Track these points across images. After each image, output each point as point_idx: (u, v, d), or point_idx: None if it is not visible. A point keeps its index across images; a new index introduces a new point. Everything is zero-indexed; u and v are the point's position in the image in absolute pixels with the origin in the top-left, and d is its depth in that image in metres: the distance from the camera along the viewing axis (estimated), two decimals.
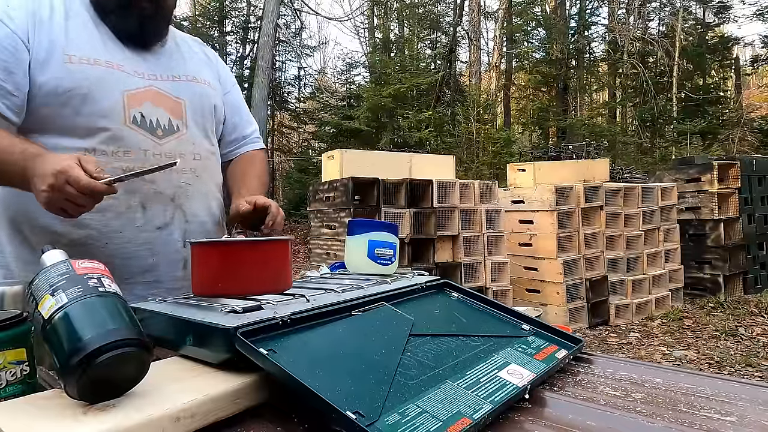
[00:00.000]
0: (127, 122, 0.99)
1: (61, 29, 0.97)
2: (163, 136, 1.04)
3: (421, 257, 3.89)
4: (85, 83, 0.96)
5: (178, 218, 1.06)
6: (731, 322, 4.35)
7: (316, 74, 16.86)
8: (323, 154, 4.53)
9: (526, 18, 15.26)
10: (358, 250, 1.03)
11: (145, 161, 1.00)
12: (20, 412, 0.50)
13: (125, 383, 0.54)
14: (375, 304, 0.78)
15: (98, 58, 0.99)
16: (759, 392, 0.64)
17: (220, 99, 1.22)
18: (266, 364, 0.56)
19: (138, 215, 1.01)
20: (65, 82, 0.95)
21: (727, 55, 14.90)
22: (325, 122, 12.76)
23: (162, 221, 1.04)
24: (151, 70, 1.07)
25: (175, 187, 1.06)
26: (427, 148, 11.36)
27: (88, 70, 0.97)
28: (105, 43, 1.02)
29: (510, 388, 0.60)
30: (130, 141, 0.99)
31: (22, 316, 0.63)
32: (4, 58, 0.92)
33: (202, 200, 1.12)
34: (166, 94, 1.07)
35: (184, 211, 1.08)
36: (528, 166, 5.15)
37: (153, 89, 1.05)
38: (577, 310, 4.33)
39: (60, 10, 0.99)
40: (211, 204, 1.16)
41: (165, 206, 1.04)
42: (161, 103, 1.05)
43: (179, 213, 1.07)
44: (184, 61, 1.16)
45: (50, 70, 0.94)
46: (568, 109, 14.85)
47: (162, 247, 1.04)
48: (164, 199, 1.04)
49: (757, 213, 5.64)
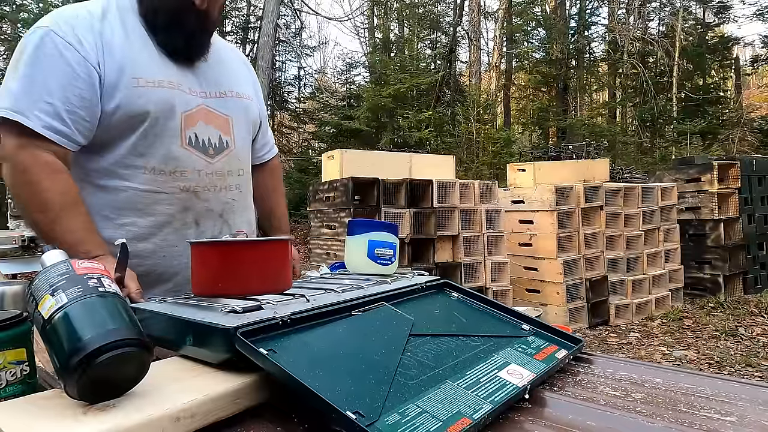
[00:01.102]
0: (183, 143, 1.04)
1: (126, 50, 0.99)
2: (213, 154, 1.09)
3: (421, 257, 3.89)
4: (152, 107, 0.99)
5: (225, 232, 1.13)
6: (731, 322, 4.35)
7: (316, 74, 16.87)
8: (323, 154, 4.53)
9: (526, 18, 15.26)
10: (358, 250, 1.03)
11: (198, 181, 1.06)
12: (20, 412, 0.50)
13: (125, 383, 0.54)
14: (375, 304, 0.78)
15: (161, 80, 1.01)
16: (759, 392, 0.64)
17: (257, 110, 1.26)
18: (266, 364, 0.56)
19: (191, 231, 1.07)
20: (134, 107, 0.98)
21: (727, 55, 14.90)
22: (325, 122, 12.75)
23: (211, 235, 1.11)
24: (201, 87, 1.10)
25: (224, 203, 1.12)
26: (427, 148, 11.36)
27: (154, 93, 1.00)
28: (162, 60, 1.04)
29: (510, 388, 0.60)
30: (186, 162, 1.04)
31: (22, 316, 0.63)
32: (80, 86, 0.94)
33: (244, 214, 1.20)
34: (216, 112, 1.11)
35: (230, 225, 1.14)
36: (528, 166, 5.15)
37: (204, 108, 1.08)
38: (577, 310, 4.33)
39: (120, 28, 1.01)
40: (251, 216, 1.24)
41: (215, 222, 1.11)
42: (212, 121, 1.09)
43: (226, 227, 1.13)
44: (227, 74, 1.18)
45: (120, 95, 0.97)
46: (568, 109, 14.85)
47: None
48: (214, 215, 1.11)
49: (757, 213, 5.64)
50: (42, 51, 0.94)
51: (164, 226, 1.04)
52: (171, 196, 1.04)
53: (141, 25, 1.04)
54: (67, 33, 0.95)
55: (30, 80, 0.93)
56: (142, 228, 1.03)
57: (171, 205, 1.04)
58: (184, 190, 1.05)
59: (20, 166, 0.93)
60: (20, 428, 0.47)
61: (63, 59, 0.93)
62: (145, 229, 1.03)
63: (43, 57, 0.93)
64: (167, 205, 1.04)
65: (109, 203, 1.02)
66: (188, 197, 1.06)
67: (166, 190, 1.03)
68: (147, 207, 1.03)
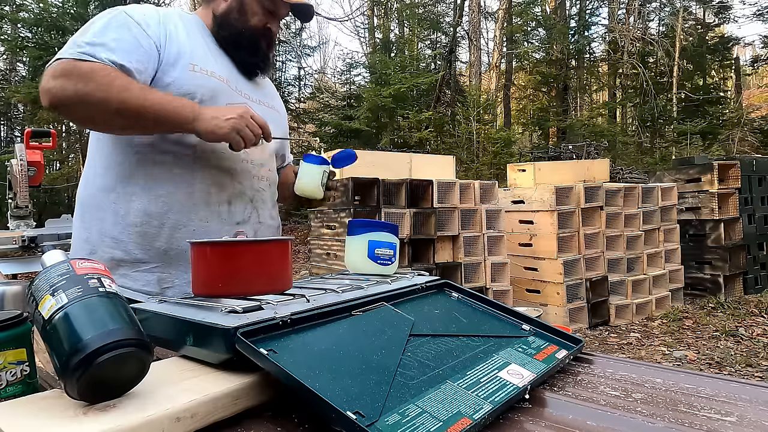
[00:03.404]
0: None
1: (186, 42, 1.12)
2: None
3: (421, 257, 3.89)
4: (202, 90, 1.10)
5: (253, 218, 1.21)
6: (731, 322, 4.35)
7: (316, 74, 16.87)
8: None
9: (526, 18, 15.27)
10: (358, 250, 1.03)
11: (234, 164, 1.15)
12: (20, 412, 0.50)
13: (125, 383, 0.54)
14: (375, 304, 0.78)
15: (214, 72, 1.13)
16: (759, 392, 0.64)
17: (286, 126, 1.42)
18: (266, 364, 0.56)
19: (224, 209, 1.14)
20: (187, 86, 1.08)
21: (727, 55, 14.90)
22: (325, 122, 12.74)
23: (241, 218, 1.18)
24: (246, 91, 1.23)
25: (255, 190, 1.21)
26: (427, 148, 11.37)
27: (206, 80, 1.11)
28: (217, 59, 1.17)
29: (510, 389, 0.60)
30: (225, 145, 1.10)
31: (22, 316, 0.63)
32: (140, 54, 1.04)
33: (271, 206, 1.28)
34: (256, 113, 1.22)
35: (259, 214, 1.22)
36: (528, 166, 5.15)
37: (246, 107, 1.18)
38: (577, 310, 4.33)
39: (182, 27, 1.15)
40: (275, 212, 1.32)
41: (245, 205, 1.19)
42: None
43: (254, 214, 1.21)
44: (266, 91, 1.34)
45: (176, 73, 1.08)
46: (568, 109, 14.86)
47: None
48: (245, 199, 1.19)
49: (757, 213, 5.64)
50: (114, 21, 1.04)
51: (199, 201, 1.11)
52: (208, 174, 1.12)
53: (207, 36, 1.19)
54: (137, 16, 1.07)
55: (99, 38, 1.01)
56: (178, 201, 1.09)
57: (207, 182, 1.12)
58: (220, 170, 1.13)
59: (83, 69, 0.96)
60: (20, 428, 0.47)
61: (130, 32, 1.04)
62: (180, 202, 1.09)
63: (115, 25, 1.04)
64: (204, 182, 1.11)
65: (149, 174, 1.09)
66: (224, 177, 1.14)
67: (204, 167, 1.11)
68: (184, 182, 1.10)
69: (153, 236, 1.08)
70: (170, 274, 1.10)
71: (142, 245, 1.08)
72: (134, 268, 1.09)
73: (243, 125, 1.01)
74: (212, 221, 1.12)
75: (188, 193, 1.10)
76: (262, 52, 1.23)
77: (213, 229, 1.12)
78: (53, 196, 10.62)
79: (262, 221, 1.23)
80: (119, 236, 1.09)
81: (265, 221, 1.24)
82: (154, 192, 1.08)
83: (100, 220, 1.10)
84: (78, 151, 11.73)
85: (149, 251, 1.09)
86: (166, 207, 1.08)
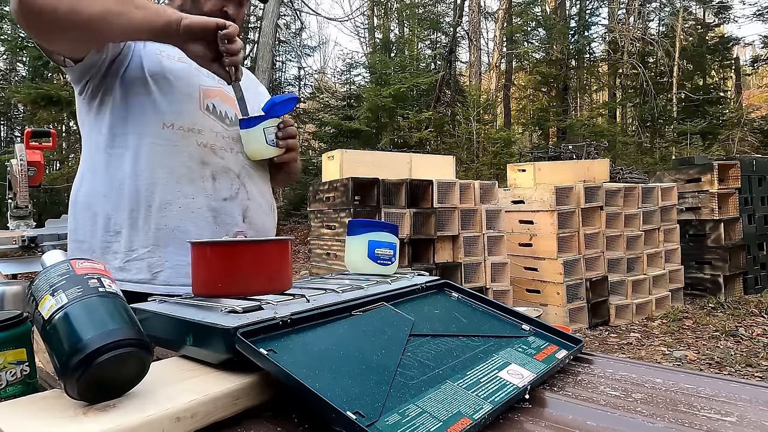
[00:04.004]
0: (201, 108, 1.18)
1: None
2: (230, 125, 1.21)
3: (421, 257, 3.89)
4: (172, 71, 1.15)
5: (241, 194, 1.19)
6: (731, 322, 4.35)
7: (316, 74, 16.87)
8: (323, 154, 4.53)
9: (526, 18, 15.27)
10: (358, 250, 1.03)
11: (215, 140, 1.17)
12: (20, 412, 0.50)
13: (125, 383, 0.54)
14: (375, 304, 0.78)
15: (182, 57, 1.12)
16: (759, 392, 0.64)
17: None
18: (266, 364, 0.56)
19: (208, 184, 1.14)
20: (157, 67, 1.14)
21: (727, 55, 14.90)
22: (325, 122, 12.74)
23: (228, 194, 1.16)
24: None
25: (241, 166, 1.20)
26: (427, 148, 11.37)
27: (175, 64, 1.16)
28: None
29: (510, 389, 0.60)
30: (204, 123, 1.16)
31: (22, 316, 0.63)
32: None
33: (260, 183, 1.26)
34: (231, 96, 1.21)
35: (248, 191, 1.20)
36: (528, 166, 5.15)
37: (222, 90, 1.23)
38: (577, 311, 4.33)
39: None
40: (265, 189, 1.29)
41: (232, 181, 1.17)
42: (227, 101, 1.22)
43: (242, 189, 1.19)
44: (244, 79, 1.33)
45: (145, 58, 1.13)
46: (568, 109, 14.86)
47: (225, 217, 1.16)
48: (231, 174, 1.18)
49: (757, 213, 5.64)
50: None
51: (182, 177, 1.11)
52: (189, 150, 1.12)
53: None
54: None
55: None
56: (161, 179, 1.09)
57: (189, 157, 1.12)
58: (201, 145, 1.14)
59: None
60: (20, 428, 0.47)
61: None
62: (163, 180, 1.10)
63: None
64: (185, 158, 1.12)
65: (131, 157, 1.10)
66: (205, 152, 1.14)
67: (183, 144, 1.12)
68: (165, 159, 1.10)
69: (143, 219, 1.09)
70: (159, 257, 1.09)
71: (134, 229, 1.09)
72: (126, 257, 1.09)
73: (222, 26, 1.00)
74: (198, 197, 1.12)
75: (170, 169, 1.10)
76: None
77: (199, 205, 1.12)
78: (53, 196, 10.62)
79: (251, 198, 1.21)
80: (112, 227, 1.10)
81: (254, 198, 1.22)
82: (135, 172, 1.09)
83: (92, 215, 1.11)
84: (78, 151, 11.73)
85: (139, 235, 1.09)
86: (151, 187, 1.09)
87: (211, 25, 1.00)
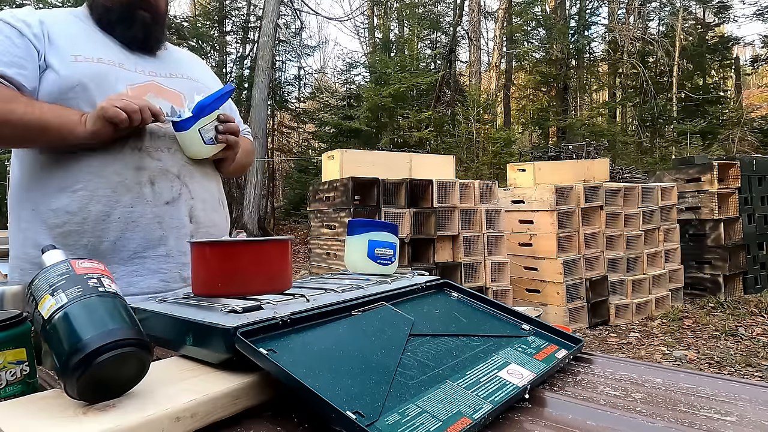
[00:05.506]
0: None
1: (67, 37, 1.09)
2: (166, 121, 1.13)
3: (421, 257, 3.89)
4: (92, 77, 1.06)
5: (184, 195, 1.14)
6: (731, 322, 4.35)
7: (316, 74, 16.87)
8: (323, 154, 4.52)
9: (526, 18, 15.26)
10: (358, 250, 1.03)
11: (151, 142, 1.10)
12: (20, 412, 0.50)
13: (125, 383, 0.54)
14: (375, 304, 0.78)
15: (102, 57, 1.09)
16: (759, 392, 0.64)
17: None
18: (266, 364, 0.56)
19: (147, 190, 1.08)
20: (74, 77, 1.05)
21: (727, 55, 14.90)
22: (325, 122, 12.75)
23: (170, 196, 1.11)
24: (151, 69, 1.18)
25: (180, 165, 1.14)
26: (427, 148, 11.36)
27: (94, 67, 1.07)
28: (108, 47, 1.13)
29: (510, 388, 0.60)
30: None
31: (22, 316, 0.63)
32: (18, 54, 1.02)
33: (204, 180, 1.20)
34: (167, 88, 1.17)
35: (190, 189, 1.15)
36: (528, 166, 5.15)
37: (154, 83, 1.16)
38: (577, 310, 4.33)
39: (64, 19, 1.12)
40: (211, 184, 1.24)
41: (172, 183, 1.12)
42: (162, 94, 1.15)
43: (185, 190, 1.14)
44: (180, 63, 1.28)
45: (61, 70, 1.04)
46: (568, 109, 14.86)
47: (170, 221, 1.11)
48: (171, 176, 1.12)
49: (757, 213, 5.64)
50: None
51: (118, 186, 1.05)
52: (122, 156, 1.06)
53: (90, 25, 1.15)
54: (11, 19, 1.05)
55: None
56: (96, 191, 1.04)
57: (123, 165, 1.06)
58: (135, 151, 1.08)
59: None
60: (20, 428, 0.47)
61: (2, 33, 1.03)
62: (98, 191, 1.04)
63: None
64: (119, 166, 1.06)
65: (62, 173, 1.05)
66: (140, 156, 1.08)
67: (116, 152, 1.06)
68: (98, 170, 1.05)
69: (78, 234, 1.04)
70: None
71: (68, 246, 1.03)
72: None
73: (130, 105, 0.99)
74: (137, 206, 1.06)
75: (104, 182, 1.04)
76: (140, 23, 1.14)
77: (140, 213, 1.07)
78: None
79: (195, 196, 1.15)
80: (43, 241, 1.04)
81: (198, 196, 1.16)
82: (70, 189, 1.04)
83: (23, 228, 1.07)
84: None
85: (78, 251, 1.03)
86: (85, 200, 1.03)
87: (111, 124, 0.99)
